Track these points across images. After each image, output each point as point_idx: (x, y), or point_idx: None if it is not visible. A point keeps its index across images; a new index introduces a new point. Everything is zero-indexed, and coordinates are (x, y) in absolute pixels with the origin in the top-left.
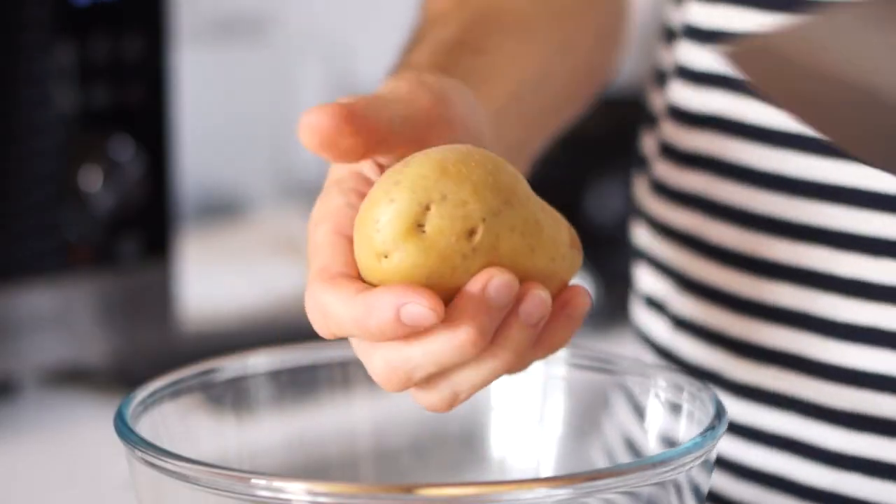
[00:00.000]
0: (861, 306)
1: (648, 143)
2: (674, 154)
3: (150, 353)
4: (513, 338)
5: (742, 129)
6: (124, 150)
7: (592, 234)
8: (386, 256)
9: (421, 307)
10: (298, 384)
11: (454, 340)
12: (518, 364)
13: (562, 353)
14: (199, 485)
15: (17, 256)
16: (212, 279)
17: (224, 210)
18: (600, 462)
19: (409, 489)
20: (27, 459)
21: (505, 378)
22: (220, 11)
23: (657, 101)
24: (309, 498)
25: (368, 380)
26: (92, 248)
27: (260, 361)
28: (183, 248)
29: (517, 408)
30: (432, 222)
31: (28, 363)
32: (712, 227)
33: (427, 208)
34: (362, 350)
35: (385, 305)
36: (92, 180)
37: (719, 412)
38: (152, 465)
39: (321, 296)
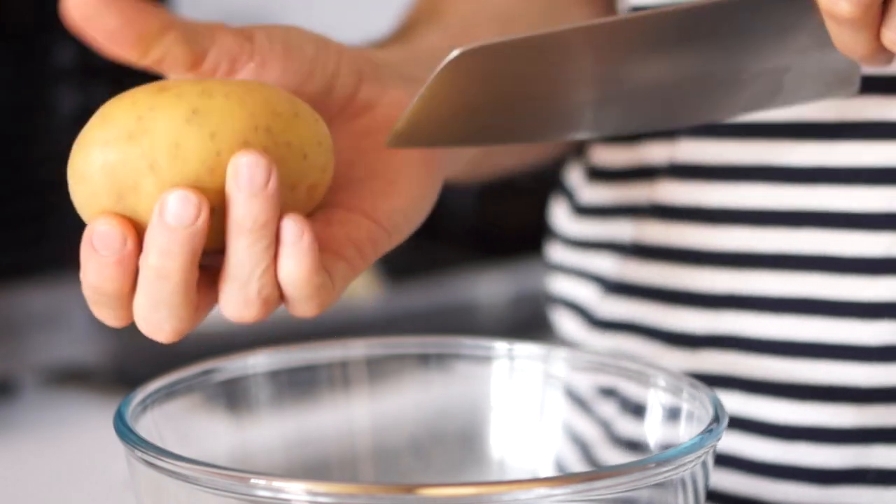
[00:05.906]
0: (787, 278)
1: (574, 174)
2: (602, 174)
3: (150, 353)
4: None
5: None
6: None
7: None
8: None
9: (100, 227)
10: (298, 384)
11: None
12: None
13: (562, 353)
14: (198, 485)
15: (17, 256)
16: None
17: None
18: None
19: (409, 489)
20: (27, 459)
21: (504, 378)
22: (220, 11)
23: None
24: (309, 498)
25: (368, 380)
26: None
27: (259, 361)
28: None
29: (517, 408)
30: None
31: (28, 363)
32: (631, 227)
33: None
34: None
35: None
36: None
37: (718, 412)
38: (152, 465)
39: None
